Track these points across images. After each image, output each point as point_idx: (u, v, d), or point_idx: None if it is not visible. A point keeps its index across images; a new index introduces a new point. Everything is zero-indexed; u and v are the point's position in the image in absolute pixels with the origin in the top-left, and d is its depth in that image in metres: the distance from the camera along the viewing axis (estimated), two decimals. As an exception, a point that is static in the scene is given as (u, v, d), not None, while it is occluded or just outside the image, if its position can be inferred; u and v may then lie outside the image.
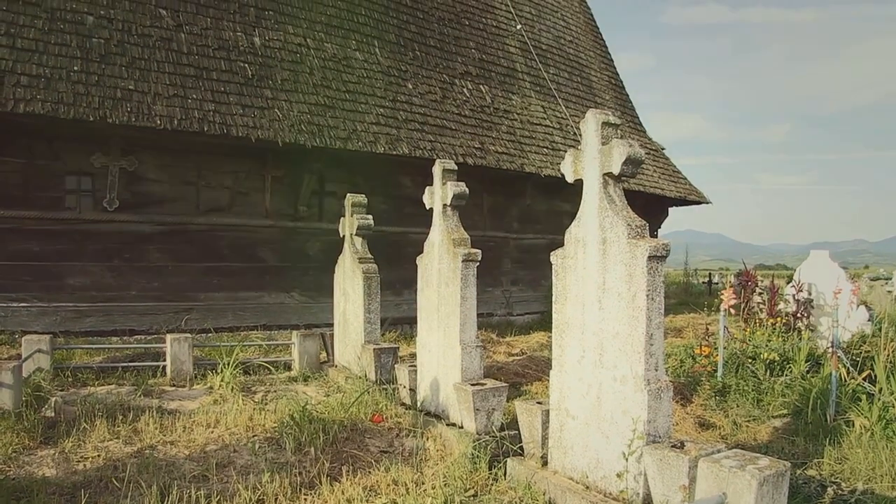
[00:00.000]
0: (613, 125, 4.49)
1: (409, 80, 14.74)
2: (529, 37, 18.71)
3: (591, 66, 20.83)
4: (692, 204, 20.67)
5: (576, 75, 19.83)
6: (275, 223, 12.72)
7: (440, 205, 6.77)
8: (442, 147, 13.64)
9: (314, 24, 14.00)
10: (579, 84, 19.72)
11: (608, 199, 4.36)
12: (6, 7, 10.42)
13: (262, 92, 12.05)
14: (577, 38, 21.00)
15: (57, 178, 10.85)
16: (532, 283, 16.76)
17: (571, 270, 4.67)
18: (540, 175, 15.22)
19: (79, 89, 10.14)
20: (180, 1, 12.44)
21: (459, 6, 17.47)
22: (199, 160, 12.00)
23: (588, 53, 21.06)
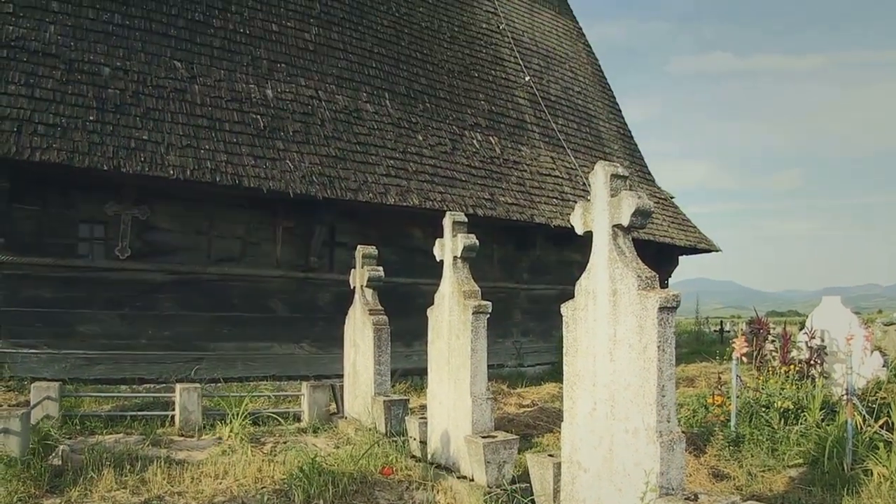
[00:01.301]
0: (622, 177, 4.52)
1: (419, 132, 14.87)
2: (538, 88, 18.88)
3: (600, 117, 20.98)
4: (702, 252, 20.63)
5: (584, 126, 19.97)
6: (285, 274, 12.76)
7: (450, 257, 6.79)
8: (452, 198, 13.70)
9: (325, 77, 14.19)
10: (588, 134, 19.85)
11: (618, 251, 4.38)
12: (26, 59, 10.64)
13: (273, 143, 12.17)
14: (586, 88, 21.19)
15: (70, 226, 10.94)
16: (543, 333, 16.70)
17: (582, 322, 4.67)
18: (550, 225, 15.25)
19: (94, 138, 10.27)
20: (194, 53, 12.65)
21: (469, 59, 17.69)
22: (210, 210, 12.09)
23: (596, 104, 21.23)
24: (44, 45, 10.97)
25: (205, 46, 12.88)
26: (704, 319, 37.88)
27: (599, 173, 4.55)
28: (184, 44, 12.66)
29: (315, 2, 15.22)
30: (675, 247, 19.15)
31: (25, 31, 10.94)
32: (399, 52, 16.11)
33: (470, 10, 19.02)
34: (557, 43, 21.41)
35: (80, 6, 11.80)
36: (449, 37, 17.66)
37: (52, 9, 11.44)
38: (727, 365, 9.12)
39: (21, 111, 9.92)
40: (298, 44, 14.24)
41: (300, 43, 14.28)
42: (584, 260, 4.75)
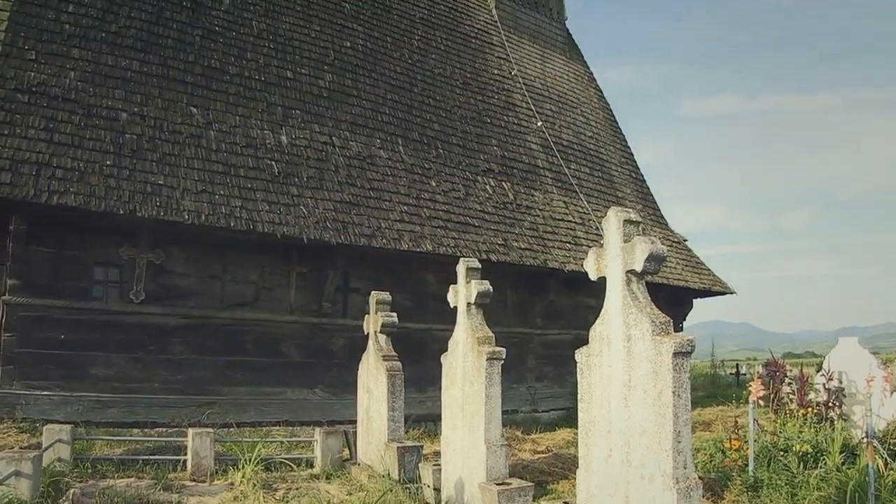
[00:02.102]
0: (635, 222, 4.53)
1: (432, 178, 14.95)
2: (550, 133, 18.99)
3: (612, 161, 21.04)
4: (717, 295, 20.50)
5: (597, 170, 20.02)
6: (299, 319, 12.77)
7: (464, 303, 6.79)
8: (465, 244, 13.73)
9: (339, 123, 14.33)
10: (600, 179, 19.90)
11: (632, 297, 4.37)
12: (46, 104, 10.88)
13: (288, 189, 12.27)
14: (598, 133, 21.29)
15: (85, 269, 11.02)
16: (557, 379, 16.60)
17: (596, 368, 4.65)
18: (563, 270, 15.24)
19: (110, 183, 10.42)
20: (210, 99, 12.84)
21: (481, 104, 17.83)
22: (224, 255, 12.14)
23: (608, 148, 21.30)
24: (64, 91, 11.21)
25: (220, 93, 13.06)
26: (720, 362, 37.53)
27: (612, 219, 4.56)
28: (200, 90, 12.85)
29: (329, 49, 15.43)
30: (689, 290, 19.07)
31: (47, 77, 11.19)
32: (412, 98, 16.27)
33: (482, 56, 19.21)
34: (569, 88, 21.57)
35: (100, 53, 12.05)
36: (461, 83, 17.83)
37: (72, 55, 11.71)
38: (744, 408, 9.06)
39: (40, 155, 10.12)
40: (313, 90, 14.42)
41: (314, 90, 14.46)
42: (598, 304, 4.75)
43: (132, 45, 12.59)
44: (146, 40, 12.81)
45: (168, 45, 13.04)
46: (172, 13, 13.52)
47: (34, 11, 11.80)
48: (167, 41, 13.08)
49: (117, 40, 12.45)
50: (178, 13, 13.62)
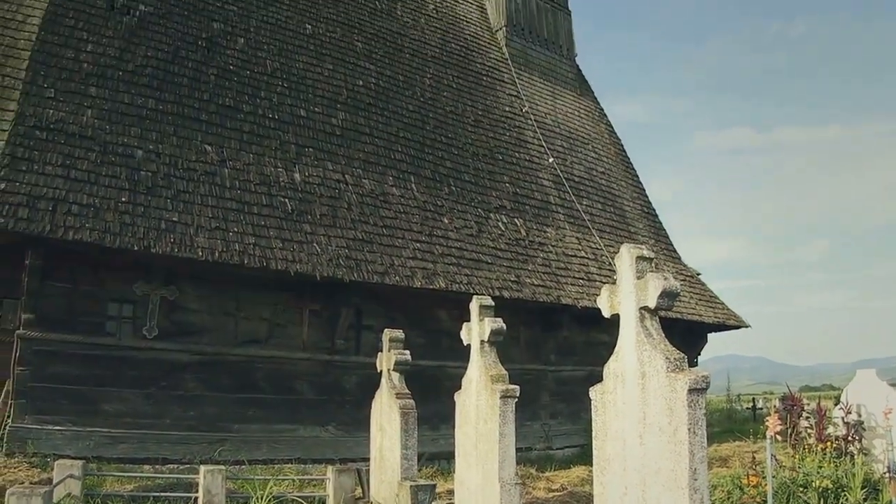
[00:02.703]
0: (647, 259, 4.53)
1: (444, 215, 14.99)
2: (562, 169, 19.04)
3: (624, 196, 21.05)
4: (731, 329, 20.37)
5: (609, 205, 20.03)
6: (312, 356, 12.75)
7: (478, 341, 6.78)
8: (478, 281, 13.73)
9: (352, 161, 14.42)
10: (612, 214, 19.90)
11: (645, 333, 4.36)
12: (63, 141, 11.05)
13: (301, 226, 12.32)
14: (609, 168, 21.33)
15: (99, 304, 11.03)
16: (571, 415, 16.48)
17: (611, 406, 4.63)
18: (576, 306, 15.20)
19: (125, 219, 10.52)
20: (225, 137, 12.96)
21: (493, 141, 17.92)
22: (238, 292, 12.17)
23: (620, 183, 21.33)
24: (81, 128, 11.38)
25: (235, 131, 13.19)
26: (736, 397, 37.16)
27: (625, 256, 4.56)
28: (214, 128, 12.99)
29: (342, 88, 15.57)
30: (703, 324, 18.96)
31: (65, 114, 11.37)
32: (424, 136, 16.38)
33: (493, 94, 19.35)
34: (580, 124, 21.67)
35: (117, 91, 12.23)
36: (473, 120, 17.94)
37: (90, 94, 11.90)
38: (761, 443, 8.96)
39: (57, 191, 10.25)
40: (326, 128, 14.54)
41: (327, 128, 14.58)
42: (612, 340, 4.74)
43: (148, 83, 12.76)
44: (162, 79, 12.98)
45: (183, 83, 13.21)
46: (188, 52, 13.71)
47: (54, 51, 12.03)
48: (182, 80, 13.24)
49: (134, 79, 12.63)
50: (194, 52, 13.81)
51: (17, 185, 10.02)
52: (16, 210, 9.67)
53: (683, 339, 16.92)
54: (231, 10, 15.15)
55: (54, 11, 12.58)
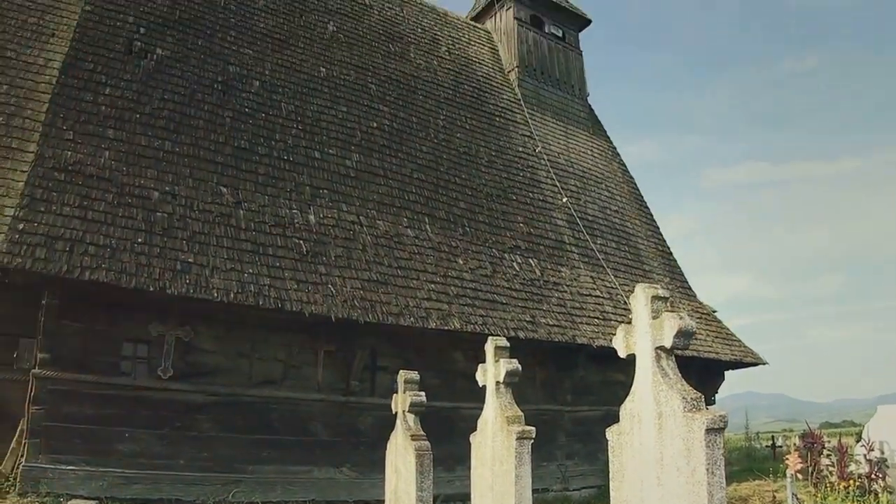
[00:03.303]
0: (663, 298, 4.51)
1: (459, 256, 15.01)
2: (576, 209, 19.06)
3: (638, 235, 21.02)
4: (748, 366, 20.16)
5: (623, 244, 20.00)
6: (326, 397, 12.72)
7: (493, 382, 6.75)
8: (493, 321, 13.70)
9: (367, 203, 14.49)
10: (627, 253, 19.86)
11: (662, 373, 4.33)
12: (81, 182, 11.19)
13: (316, 268, 12.36)
14: (623, 207, 21.33)
15: (114, 344, 11.08)
16: (588, 456, 16.32)
17: (628, 447, 4.59)
18: (592, 346, 15.13)
19: (141, 260, 10.59)
20: (240, 179, 13.07)
21: (507, 182, 17.98)
22: (253, 333, 12.18)
23: (634, 222, 21.31)
24: (98, 170, 11.54)
25: (250, 173, 13.31)
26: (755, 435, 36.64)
27: (640, 296, 4.55)
28: (230, 170, 13.11)
29: (356, 130, 15.71)
30: (720, 362, 18.80)
31: (83, 156, 11.55)
32: (438, 177, 16.46)
33: (506, 134, 19.46)
34: (593, 163, 21.72)
35: (134, 133, 12.41)
36: (486, 161, 18.03)
37: (108, 136, 12.09)
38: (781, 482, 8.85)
39: (74, 231, 10.37)
40: (340, 170, 14.64)
41: (342, 169, 14.68)
42: (628, 380, 4.71)
43: (165, 126, 12.93)
44: (178, 121, 13.16)
45: (199, 126, 13.37)
46: (204, 95, 13.90)
47: (73, 94, 12.26)
48: (198, 122, 13.41)
49: (151, 121, 12.82)
50: (210, 95, 13.99)
51: (36, 225, 10.14)
52: (33, 250, 9.78)
53: (700, 378, 16.79)
54: (246, 54, 15.36)
55: (74, 56, 12.82)
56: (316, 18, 17.81)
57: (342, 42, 17.77)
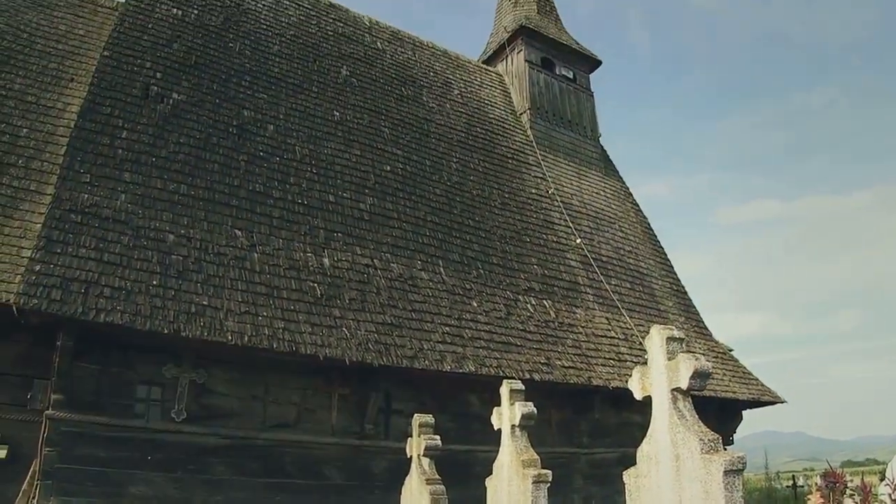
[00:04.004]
0: (678, 339, 4.50)
1: (473, 298, 14.99)
2: (589, 250, 19.04)
3: (652, 274, 20.93)
4: (767, 405, 19.91)
5: (637, 285, 19.92)
6: (341, 441, 12.64)
7: (508, 425, 6.72)
8: (508, 364, 13.64)
9: (381, 246, 14.53)
10: (641, 293, 19.77)
11: (678, 415, 4.30)
12: (97, 224, 11.31)
13: (330, 311, 12.37)
14: (637, 247, 21.28)
15: (128, 386, 11.07)
16: (605, 499, 16.11)
17: (645, 490, 4.54)
18: (608, 387, 15.03)
19: (156, 303, 10.64)
20: (255, 222, 13.15)
21: (520, 224, 18.00)
22: (267, 376, 12.17)
23: (648, 262, 21.23)
24: (114, 212, 11.66)
25: (264, 216, 13.38)
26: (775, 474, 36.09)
27: (655, 337, 4.54)
28: (244, 213, 13.19)
29: (370, 173, 15.81)
30: (737, 401, 18.60)
31: (99, 198, 11.68)
32: (452, 219, 16.50)
33: (519, 176, 19.52)
34: (606, 204, 21.73)
35: (150, 177, 12.55)
36: (500, 203, 18.07)
37: (124, 179, 12.24)
38: (803, 525, 8.66)
39: (90, 273, 10.45)
40: (354, 213, 14.71)
41: (356, 213, 14.75)
42: (645, 421, 4.68)
43: (180, 169, 13.06)
44: (194, 165, 13.29)
45: (214, 169, 13.49)
46: (219, 139, 14.04)
47: (91, 137, 12.44)
48: (213, 166, 13.54)
49: (166, 164, 12.96)
50: (225, 139, 14.14)
51: (52, 266, 10.23)
52: (49, 291, 9.86)
53: (718, 418, 16.63)
54: (261, 98, 15.53)
55: (92, 100, 13.02)
56: (329, 63, 18.02)
57: (355, 86, 17.95)
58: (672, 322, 19.24)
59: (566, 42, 24.49)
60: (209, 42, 15.98)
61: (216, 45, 16.05)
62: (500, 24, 25.57)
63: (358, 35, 19.94)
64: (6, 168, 11.87)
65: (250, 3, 18.02)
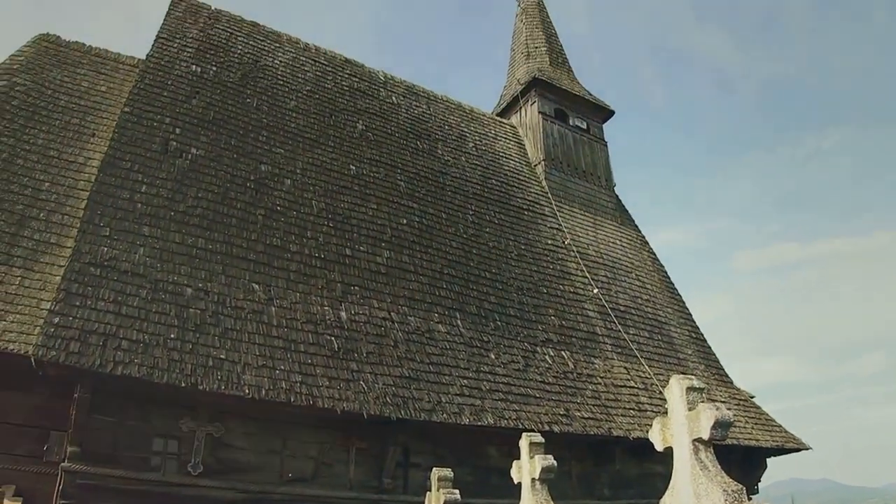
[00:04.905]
0: (698, 389, 4.47)
1: (491, 350, 14.94)
2: (607, 300, 18.96)
3: (671, 323, 20.78)
4: (791, 452, 19.57)
5: (656, 333, 19.78)
6: (358, 495, 12.52)
7: (528, 479, 6.66)
8: (527, 416, 13.53)
9: (398, 299, 14.54)
10: (660, 342, 19.62)
11: (700, 466, 4.25)
12: (116, 277, 11.41)
13: (347, 364, 12.34)
14: (654, 296, 21.16)
15: (145, 440, 11.02)
16: (628, 553, 15.89)
17: (668, 543, 4.48)
18: (629, 438, 14.86)
19: (173, 356, 10.67)
20: (272, 276, 13.21)
21: (537, 275, 17.98)
22: (284, 429, 12.12)
23: (666, 310, 21.10)
24: (133, 266, 11.77)
25: (282, 270, 13.45)
26: (803, 524, 35.13)
27: (675, 388, 4.51)
28: (262, 267, 13.26)
29: (386, 226, 15.88)
30: (761, 449, 18.28)
31: (118, 252, 11.82)
32: (468, 272, 16.51)
33: (535, 227, 19.56)
34: (622, 253, 21.69)
35: (168, 231, 12.68)
36: (516, 255, 18.09)
37: (143, 233, 12.38)
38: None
39: (108, 326, 10.51)
40: (371, 267, 14.75)
41: (373, 266, 14.79)
42: (667, 471, 4.63)
43: (199, 223, 13.18)
44: (212, 219, 13.41)
45: (232, 223, 13.60)
46: (237, 193, 14.18)
47: (111, 191, 12.61)
48: (231, 220, 13.65)
49: (185, 219, 13.08)
50: (242, 193, 14.27)
51: (71, 319, 10.31)
52: (68, 344, 9.92)
53: (741, 467, 16.42)
54: (278, 153, 15.71)
55: (112, 155, 13.23)
56: (345, 118, 18.24)
57: (371, 140, 18.14)
58: (692, 370, 19.10)
59: (579, 93, 24.71)
60: (227, 98, 16.23)
61: (234, 100, 16.30)
62: (514, 77, 25.88)
63: (373, 90, 20.20)
64: (28, 221, 12.07)
65: (267, 60, 18.34)
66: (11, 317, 10.38)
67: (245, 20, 19.42)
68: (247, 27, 19.20)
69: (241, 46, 18.24)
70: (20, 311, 10.59)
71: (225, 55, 17.53)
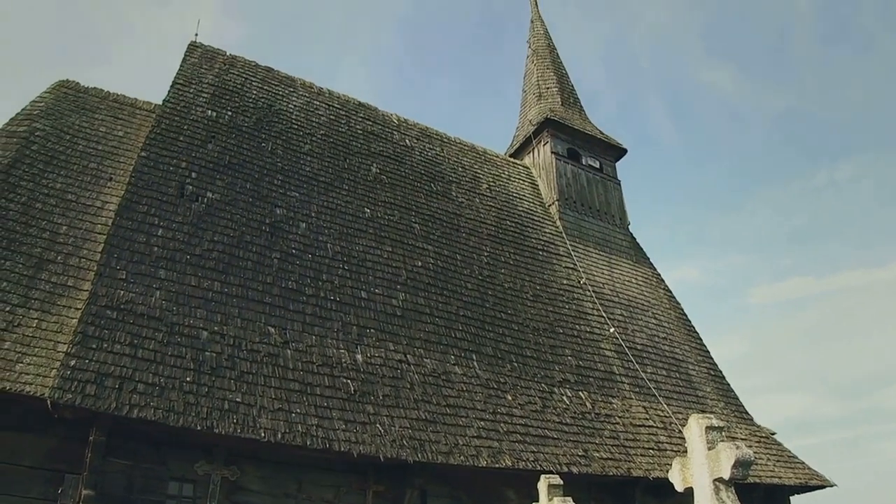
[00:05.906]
0: (717, 428, 4.42)
1: (508, 392, 14.85)
2: (624, 339, 18.86)
3: (688, 360, 20.62)
4: (815, 489, 19.23)
5: (674, 371, 19.62)
6: (377, 540, 12.43)
7: (547, 518, 6.59)
8: (545, 457, 13.41)
9: (413, 341, 14.51)
10: (678, 380, 19.45)
11: (722, 507, 4.20)
12: (132, 321, 11.44)
13: (364, 407, 12.30)
14: (671, 333, 21.03)
15: (160, 483, 11.00)
16: None
17: (690, 585, 4.40)
18: (648, 478, 14.70)
19: (189, 399, 10.67)
20: (287, 319, 13.21)
21: (553, 315, 17.92)
22: (300, 473, 12.07)
23: (683, 347, 20.95)
24: (149, 309, 11.81)
25: (297, 313, 13.46)
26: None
27: (694, 427, 4.47)
28: (277, 310, 13.28)
29: (401, 269, 15.90)
30: (784, 487, 17.99)
31: (134, 295, 11.87)
32: (484, 313, 16.48)
33: (550, 268, 19.53)
34: (638, 291, 21.59)
35: (184, 274, 12.74)
36: (532, 295, 18.04)
37: (159, 276, 12.44)
38: None
39: (124, 369, 10.54)
40: (387, 309, 14.75)
41: (388, 308, 14.79)
42: (687, 516, 4.56)
43: (214, 266, 13.24)
44: (227, 262, 13.47)
45: (248, 266, 13.66)
46: (252, 237, 14.25)
47: (127, 235, 12.72)
48: (247, 263, 13.71)
49: (201, 262, 13.15)
50: (258, 237, 14.34)
51: (87, 362, 10.35)
52: (84, 387, 9.96)
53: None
54: (293, 197, 15.81)
55: (129, 199, 13.36)
56: (359, 161, 18.36)
57: (385, 183, 18.23)
58: (711, 408, 18.90)
59: (591, 132, 24.81)
60: (242, 142, 16.39)
61: (249, 145, 16.45)
62: (526, 118, 26.02)
63: (387, 133, 20.35)
64: (45, 264, 12.14)
65: (282, 105, 18.53)
66: (28, 359, 10.40)
67: (260, 66, 19.66)
68: (261, 72, 19.43)
69: (256, 91, 18.45)
70: (37, 353, 10.62)
71: (240, 100, 17.74)
